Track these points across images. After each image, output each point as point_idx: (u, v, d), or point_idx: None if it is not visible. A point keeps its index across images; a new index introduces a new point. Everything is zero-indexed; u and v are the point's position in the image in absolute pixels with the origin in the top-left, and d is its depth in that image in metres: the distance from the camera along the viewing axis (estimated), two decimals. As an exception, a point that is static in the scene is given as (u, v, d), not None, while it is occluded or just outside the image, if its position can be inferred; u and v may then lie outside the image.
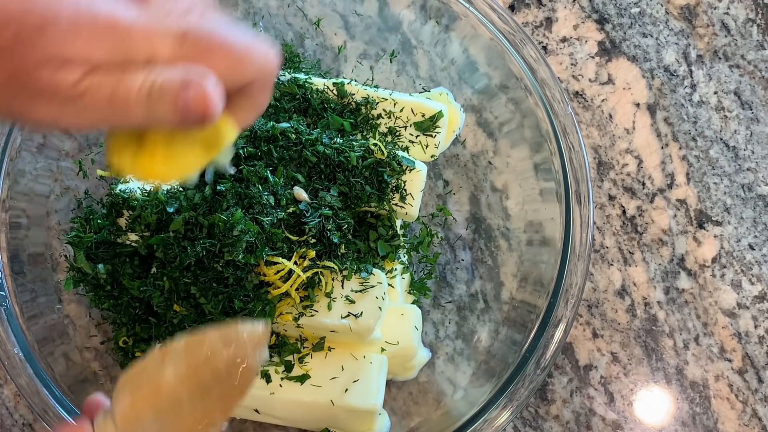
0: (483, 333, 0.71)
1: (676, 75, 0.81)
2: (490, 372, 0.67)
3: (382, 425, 0.67)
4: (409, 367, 0.70)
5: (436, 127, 0.71)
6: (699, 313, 0.75)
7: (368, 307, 0.63)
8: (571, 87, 0.80)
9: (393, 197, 0.66)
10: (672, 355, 0.74)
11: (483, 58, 0.72)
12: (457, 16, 0.71)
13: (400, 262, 0.70)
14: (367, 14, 0.75)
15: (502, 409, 0.62)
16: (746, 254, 0.76)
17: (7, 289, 0.63)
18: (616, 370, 0.73)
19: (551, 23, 0.82)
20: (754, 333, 0.75)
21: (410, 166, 0.66)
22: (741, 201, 0.78)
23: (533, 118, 0.69)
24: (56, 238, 0.69)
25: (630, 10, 0.82)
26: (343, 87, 0.70)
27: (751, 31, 0.82)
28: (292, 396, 0.63)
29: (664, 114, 0.80)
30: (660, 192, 0.78)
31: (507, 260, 0.73)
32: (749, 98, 0.80)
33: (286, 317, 0.62)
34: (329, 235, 0.63)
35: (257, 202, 0.61)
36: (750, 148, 0.79)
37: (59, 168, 0.69)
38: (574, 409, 0.72)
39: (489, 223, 0.74)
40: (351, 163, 0.64)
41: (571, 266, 0.64)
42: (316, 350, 0.64)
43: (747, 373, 0.74)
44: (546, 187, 0.69)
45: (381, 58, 0.77)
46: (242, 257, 0.59)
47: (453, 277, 0.74)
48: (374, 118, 0.71)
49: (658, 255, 0.76)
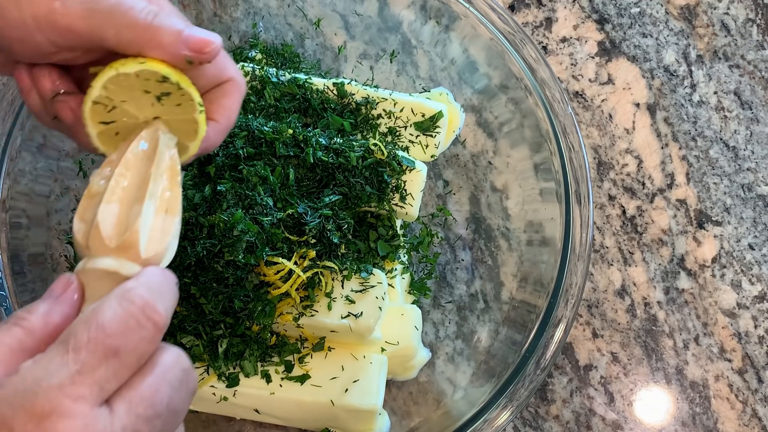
0: (483, 333, 0.71)
1: (676, 75, 0.81)
2: (490, 372, 0.67)
3: (382, 425, 0.67)
4: (409, 367, 0.70)
5: (436, 127, 0.71)
6: (699, 313, 0.75)
7: (368, 307, 0.63)
8: (571, 87, 0.80)
9: (393, 197, 0.66)
10: (672, 355, 0.74)
11: (483, 58, 0.72)
12: (457, 16, 0.71)
13: (400, 262, 0.70)
14: (367, 14, 0.75)
15: (502, 409, 0.62)
16: (746, 254, 0.77)
17: (7, 289, 0.63)
18: (616, 370, 0.73)
19: (551, 23, 0.82)
20: (754, 333, 0.75)
21: (410, 166, 0.66)
22: (741, 201, 0.78)
23: (533, 118, 0.69)
24: (56, 238, 0.69)
25: (630, 10, 0.82)
26: (343, 87, 0.70)
27: (751, 31, 0.82)
28: (292, 396, 0.63)
29: (664, 114, 0.80)
30: (660, 192, 0.78)
31: (507, 260, 0.73)
32: (749, 98, 0.80)
33: (286, 317, 0.62)
34: (329, 235, 0.63)
35: (257, 203, 0.61)
36: (750, 148, 0.79)
37: (59, 168, 0.69)
38: (574, 409, 0.72)
39: (489, 223, 0.74)
40: (351, 163, 0.64)
41: (571, 266, 0.64)
42: (316, 350, 0.64)
43: (747, 373, 0.74)
44: (546, 187, 0.69)
45: (381, 58, 0.77)
46: (242, 257, 0.59)
47: (453, 277, 0.74)
48: (374, 118, 0.71)
49: (658, 255, 0.76)
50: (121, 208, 0.43)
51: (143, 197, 0.43)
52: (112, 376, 0.34)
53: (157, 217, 0.43)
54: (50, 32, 0.43)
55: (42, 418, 0.32)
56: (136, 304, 0.36)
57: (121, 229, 0.42)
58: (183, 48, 0.44)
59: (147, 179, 0.43)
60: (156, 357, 0.37)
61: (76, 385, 0.33)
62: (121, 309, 0.36)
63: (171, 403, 0.36)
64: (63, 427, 0.32)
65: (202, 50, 0.44)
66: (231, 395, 0.63)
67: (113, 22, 0.43)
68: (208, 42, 0.44)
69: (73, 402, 0.33)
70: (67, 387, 0.33)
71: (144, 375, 0.36)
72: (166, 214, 0.44)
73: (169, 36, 0.43)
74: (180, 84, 0.44)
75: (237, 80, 0.49)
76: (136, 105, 0.45)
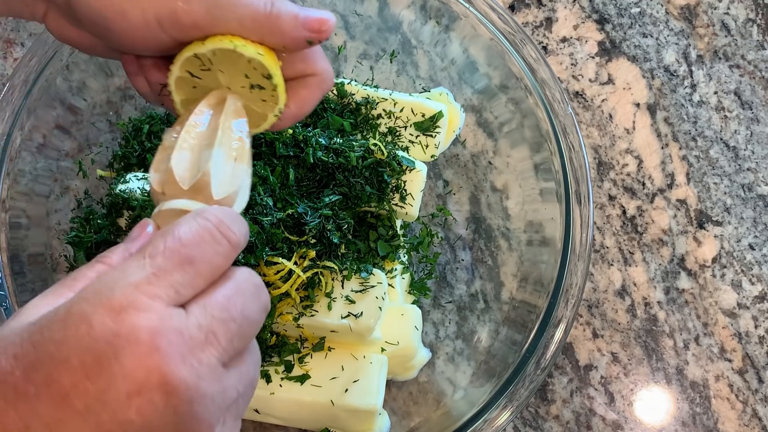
0: (483, 333, 0.71)
1: (676, 75, 0.81)
2: (490, 372, 0.67)
3: (382, 425, 0.67)
4: (409, 367, 0.70)
5: (436, 127, 0.71)
6: (699, 313, 0.75)
7: (368, 307, 0.63)
8: (571, 87, 0.80)
9: (393, 197, 0.66)
10: (672, 355, 0.74)
11: (483, 58, 0.72)
12: (457, 16, 0.71)
13: (400, 262, 0.70)
14: (367, 14, 0.75)
15: (502, 409, 0.62)
16: (746, 254, 0.76)
17: (7, 289, 0.63)
18: (616, 370, 0.73)
19: (551, 23, 0.82)
20: (754, 333, 0.75)
21: (410, 166, 0.66)
22: (741, 201, 0.78)
23: (533, 118, 0.69)
24: (56, 238, 0.69)
25: (630, 10, 0.82)
26: (343, 87, 0.70)
27: (751, 31, 0.82)
28: (292, 396, 0.63)
29: (664, 114, 0.80)
30: (660, 192, 0.78)
31: (507, 260, 0.73)
32: (749, 98, 0.80)
33: (286, 317, 0.62)
34: (329, 235, 0.63)
35: (257, 203, 0.61)
36: (750, 148, 0.79)
37: (59, 168, 0.69)
38: (574, 409, 0.72)
39: (489, 223, 0.74)
40: (351, 163, 0.64)
41: (571, 266, 0.64)
42: (316, 350, 0.64)
43: (747, 373, 0.74)
44: (546, 187, 0.69)
45: (381, 58, 0.77)
46: (242, 257, 0.59)
47: (453, 277, 0.74)
48: (374, 118, 0.71)
49: (658, 255, 0.76)
50: (192, 154, 0.45)
51: (213, 145, 0.45)
52: (188, 282, 0.36)
53: (227, 163, 0.45)
54: (174, 30, 0.45)
55: (119, 311, 0.33)
56: (212, 221, 0.38)
57: (194, 172, 0.44)
58: (302, 31, 0.46)
59: (216, 129, 0.46)
60: (229, 272, 0.38)
61: (152, 285, 0.34)
62: (197, 224, 0.38)
63: (245, 311, 0.37)
64: (139, 319, 0.33)
65: (320, 29, 0.46)
66: (231, 395, 0.63)
67: (236, 14, 0.45)
68: (324, 21, 0.46)
69: (150, 299, 0.34)
70: (144, 286, 0.34)
71: (218, 285, 0.37)
72: (235, 161, 0.46)
73: (288, 22, 0.45)
74: (277, 87, 0.47)
75: (322, 76, 0.50)
76: (228, 79, 0.48)
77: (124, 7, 0.44)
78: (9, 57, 0.77)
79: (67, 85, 0.68)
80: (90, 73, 0.69)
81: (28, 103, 0.64)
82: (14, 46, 0.78)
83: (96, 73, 0.70)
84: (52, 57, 0.65)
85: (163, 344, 0.33)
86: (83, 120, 0.71)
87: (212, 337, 0.35)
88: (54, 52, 0.65)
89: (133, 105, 0.73)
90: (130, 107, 0.73)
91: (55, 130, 0.68)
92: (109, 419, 0.32)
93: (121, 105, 0.73)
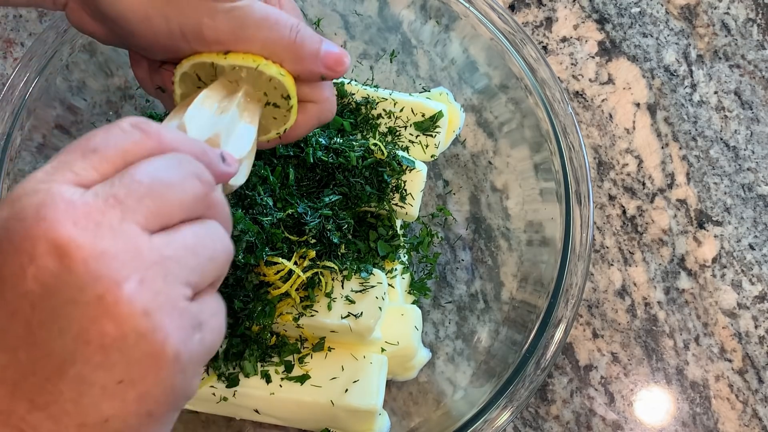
0: (483, 333, 0.71)
1: (676, 75, 0.81)
2: (490, 372, 0.67)
3: (382, 425, 0.67)
4: (409, 367, 0.70)
5: (436, 127, 0.71)
6: (699, 314, 0.75)
7: (368, 307, 0.63)
8: (571, 87, 0.80)
9: (393, 197, 0.66)
10: (672, 356, 0.74)
11: (483, 58, 0.72)
12: (457, 16, 0.71)
13: (400, 262, 0.70)
14: (367, 14, 0.75)
15: (502, 410, 0.62)
16: (746, 254, 0.76)
17: (7, 289, 0.62)
18: (616, 370, 0.73)
19: (551, 23, 0.82)
20: (754, 333, 0.75)
21: (410, 166, 0.66)
22: (741, 201, 0.78)
23: (533, 118, 0.69)
24: (56, 238, 0.69)
25: (630, 10, 0.82)
26: (343, 87, 0.70)
27: (752, 31, 0.82)
28: (292, 396, 0.63)
29: (664, 114, 0.80)
30: (660, 192, 0.78)
31: (507, 260, 0.73)
32: (749, 98, 0.80)
33: (286, 317, 0.62)
34: (329, 235, 0.62)
35: (257, 203, 0.61)
36: (750, 148, 0.79)
37: (59, 168, 0.69)
38: (574, 410, 0.72)
39: (489, 223, 0.74)
40: (351, 163, 0.64)
41: (571, 266, 0.64)
42: (316, 350, 0.64)
43: (747, 374, 0.74)
44: (546, 187, 0.69)
45: (381, 58, 0.77)
46: (242, 257, 0.59)
47: (453, 277, 0.74)
48: (374, 118, 0.71)
49: (658, 255, 0.76)
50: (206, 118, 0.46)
51: (228, 108, 0.46)
52: (89, 166, 0.35)
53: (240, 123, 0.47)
54: (196, 42, 0.46)
55: (15, 200, 0.34)
56: (126, 121, 0.38)
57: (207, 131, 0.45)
58: (319, 65, 0.48)
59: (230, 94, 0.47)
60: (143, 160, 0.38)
61: (49, 174, 0.35)
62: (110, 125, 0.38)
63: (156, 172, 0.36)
64: (29, 200, 0.34)
65: (335, 69, 0.48)
66: (231, 395, 0.63)
67: (260, 36, 0.46)
68: (341, 61, 0.48)
69: (45, 184, 0.34)
70: (40, 175, 0.35)
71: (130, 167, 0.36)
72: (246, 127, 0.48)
73: (310, 54, 0.47)
74: (292, 108, 0.49)
75: (323, 105, 0.51)
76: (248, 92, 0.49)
77: (149, 13, 0.44)
78: (9, 57, 0.77)
79: (66, 85, 0.68)
80: (90, 73, 0.69)
81: (28, 103, 0.64)
82: (14, 46, 0.78)
83: (96, 73, 0.70)
84: (51, 57, 0.65)
85: (49, 214, 0.33)
86: (83, 120, 0.71)
87: (113, 200, 0.34)
88: (54, 52, 0.65)
89: (133, 105, 0.73)
90: (130, 107, 0.73)
91: (55, 130, 0.68)
92: (12, 295, 0.33)
93: (121, 105, 0.73)
